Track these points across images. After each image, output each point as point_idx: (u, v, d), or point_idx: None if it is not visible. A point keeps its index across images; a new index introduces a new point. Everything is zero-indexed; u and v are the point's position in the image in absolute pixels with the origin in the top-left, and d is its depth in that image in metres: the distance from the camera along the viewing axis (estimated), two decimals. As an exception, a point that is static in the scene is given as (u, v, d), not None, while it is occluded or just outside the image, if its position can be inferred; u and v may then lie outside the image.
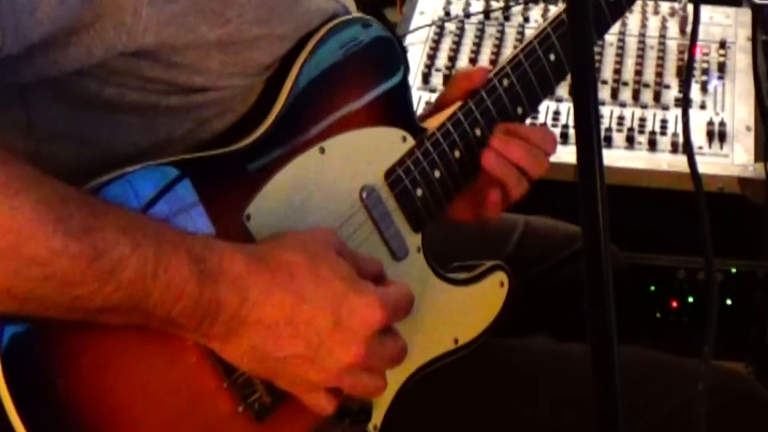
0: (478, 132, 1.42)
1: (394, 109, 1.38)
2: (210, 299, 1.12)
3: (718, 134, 2.01)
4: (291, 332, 1.16)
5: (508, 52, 2.16)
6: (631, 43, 2.19)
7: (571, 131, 1.99)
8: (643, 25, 2.23)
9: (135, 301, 1.09)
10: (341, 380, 1.20)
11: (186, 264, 1.11)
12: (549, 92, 1.50)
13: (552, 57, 1.47)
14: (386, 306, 1.19)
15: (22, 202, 1.03)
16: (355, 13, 1.38)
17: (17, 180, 1.04)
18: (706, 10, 2.24)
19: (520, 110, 1.46)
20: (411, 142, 1.38)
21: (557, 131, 2.01)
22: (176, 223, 1.16)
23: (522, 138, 1.42)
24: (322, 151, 1.29)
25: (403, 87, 1.39)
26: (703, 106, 2.07)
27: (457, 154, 1.41)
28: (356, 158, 1.33)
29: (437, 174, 1.39)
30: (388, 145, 1.36)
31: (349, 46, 1.32)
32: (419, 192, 1.38)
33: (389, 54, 1.37)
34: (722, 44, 2.18)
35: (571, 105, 1.99)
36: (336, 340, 1.17)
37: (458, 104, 1.43)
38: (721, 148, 1.99)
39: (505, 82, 1.44)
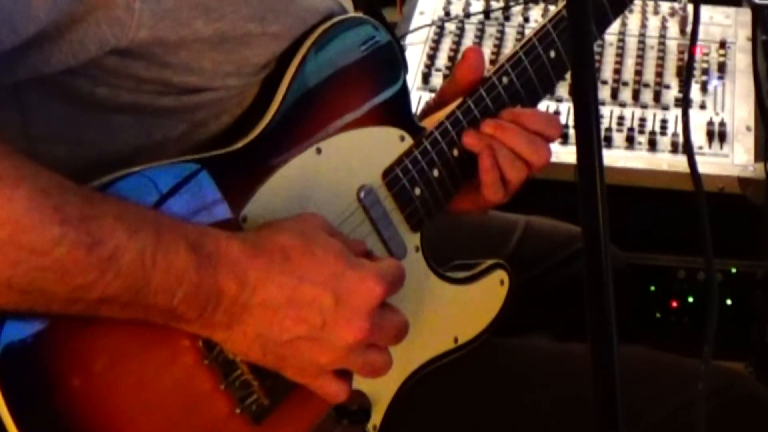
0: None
1: (393, 111, 1.37)
2: (210, 285, 1.12)
3: (718, 134, 2.01)
4: (294, 314, 1.16)
5: (508, 52, 2.16)
6: (631, 43, 2.19)
7: (571, 131, 1.99)
8: (643, 25, 2.23)
9: (136, 289, 1.09)
10: (349, 359, 1.19)
11: (184, 250, 1.11)
12: (549, 90, 1.50)
13: (552, 54, 1.46)
14: (383, 279, 1.19)
15: (20, 193, 1.04)
16: (354, 13, 1.38)
17: (14, 171, 1.05)
18: (706, 10, 2.25)
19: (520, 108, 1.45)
20: (409, 141, 1.38)
21: (557, 131, 2.01)
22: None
23: (519, 123, 1.42)
24: (319, 151, 1.29)
25: (403, 92, 1.39)
26: (703, 106, 2.07)
27: (455, 152, 1.41)
28: (353, 158, 1.32)
29: (435, 173, 1.39)
30: (385, 144, 1.36)
31: (369, 44, 1.33)
32: (417, 191, 1.38)
33: (392, 60, 1.37)
34: (722, 44, 2.18)
35: (571, 105, 1.99)
36: (339, 318, 1.17)
37: (457, 102, 1.42)
38: (721, 148, 1.99)
39: (505, 79, 1.44)
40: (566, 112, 2.04)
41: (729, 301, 2.02)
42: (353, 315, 1.17)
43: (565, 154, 1.94)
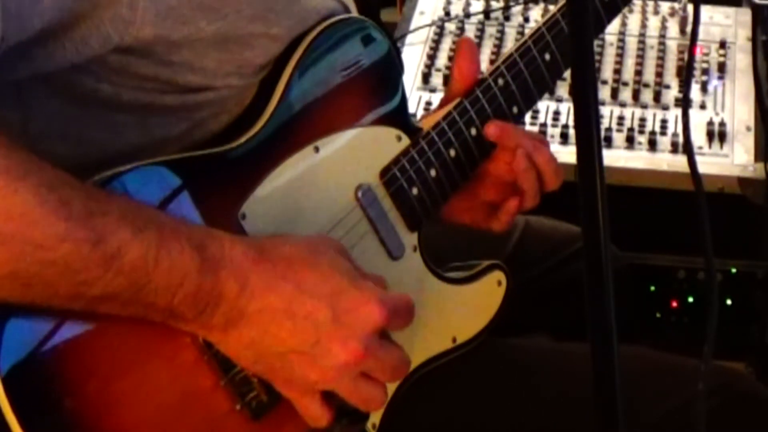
0: (473, 131, 1.42)
1: (392, 115, 1.38)
2: (211, 287, 1.12)
3: (718, 134, 2.01)
4: (289, 325, 1.16)
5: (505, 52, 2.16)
6: (631, 43, 2.19)
7: (571, 131, 1.99)
8: (643, 25, 2.23)
9: (137, 288, 1.10)
10: (338, 381, 1.19)
11: (187, 251, 1.11)
12: (545, 91, 1.50)
13: (547, 56, 1.47)
14: (386, 305, 1.19)
15: (26, 187, 1.04)
16: (352, 14, 1.37)
17: (20, 165, 1.05)
18: (706, 10, 2.24)
19: (515, 109, 1.46)
20: (406, 141, 1.38)
21: (557, 131, 2.01)
22: None
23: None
24: (317, 150, 1.29)
25: (401, 100, 1.39)
26: (703, 106, 2.07)
27: (452, 153, 1.41)
28: (351, 157, 1.33)
29: (433, 173, 1.39)
30: (383, 143, 1.36)
31: (350, 69, 1.33)
32: (415, 191, 1.38)
33: (391, 70, 1.37)
34: (722, 44, 2.18)
35: (571, 105, 1.99)
36: (334, 336, 1.16)
37: (454, 103, 1.43)
38: (721, 148, 1.99)
39: (501, 81, 1.45)
40: (566, 112, 2.04)
41: (729, 301, 2.02)
42: (348, 335, 1.17)
43: (565, 154, 1.94)
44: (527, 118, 1.98)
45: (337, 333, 1.17)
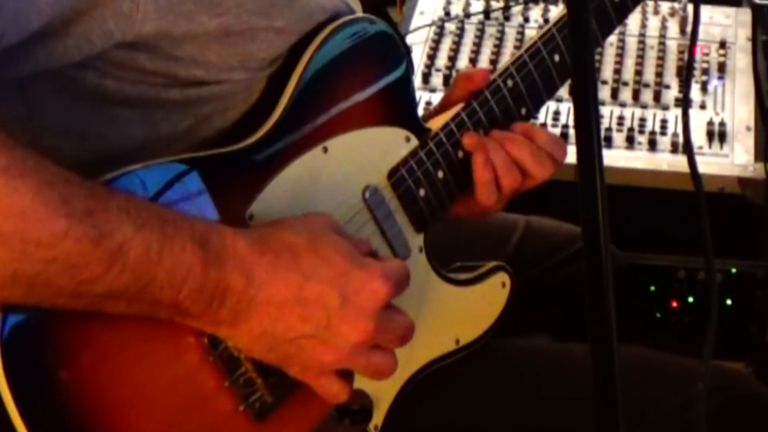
0: (481, 132, 1.42)
1: (397, 108, 1.38)
2: (216, 281, 1.12)
3: (718, 134, 2.01)
4: (299, 312, 1.16)
5: (508, 52, 2.16)
6: (631, 43, 2.19)
7: (571, 131, 2.00)
8: (643, 25, 2.23)
9: (141, 284, 1.09)
10: (352, 359, 1.19)
11: (190, 245, 1.11)
12: (553, 93, 1.50)
13: (557, 58, 1.47)
14: (390, 279, 1.19)
15: (25, 185, 1.04)
16: (361, 14, 1.38)
17: (20, 163, 1.05)
18: (706, 10, 2.25)
19: (523, 111, 1.46)
20: (414, 142, 1.38)
21: (557, 131, 2.01)
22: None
23: (528, 136, 1.42)
24: (325, 150, 1.29)
25: (405, 83, 1.39)
26: (703, 106, 2.07)
27: (460, 154, 1.41)
28: (359, 158, 1.33)
29: (440, 174, 1.39)
30: (391, 144, 1.36)
31: (356, 36, 1.33)
32: (422, 192, 1.38)
33: (392, 48, 1.37)
34: (722, 44, 2.19)
35: (571, 105, 1.99)
36: (344, 317, 1.17)
37: (462, 104, 1.43)
38: (721, 148, 2.00)
39: (510, 82, 1.45)
40: (566, 112, 2.05)
41: (729, 301, 2.03)
42: (358, 315, 1.18)
43: (565, 154, 1.94)
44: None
45: (346, 314, 1.17)
